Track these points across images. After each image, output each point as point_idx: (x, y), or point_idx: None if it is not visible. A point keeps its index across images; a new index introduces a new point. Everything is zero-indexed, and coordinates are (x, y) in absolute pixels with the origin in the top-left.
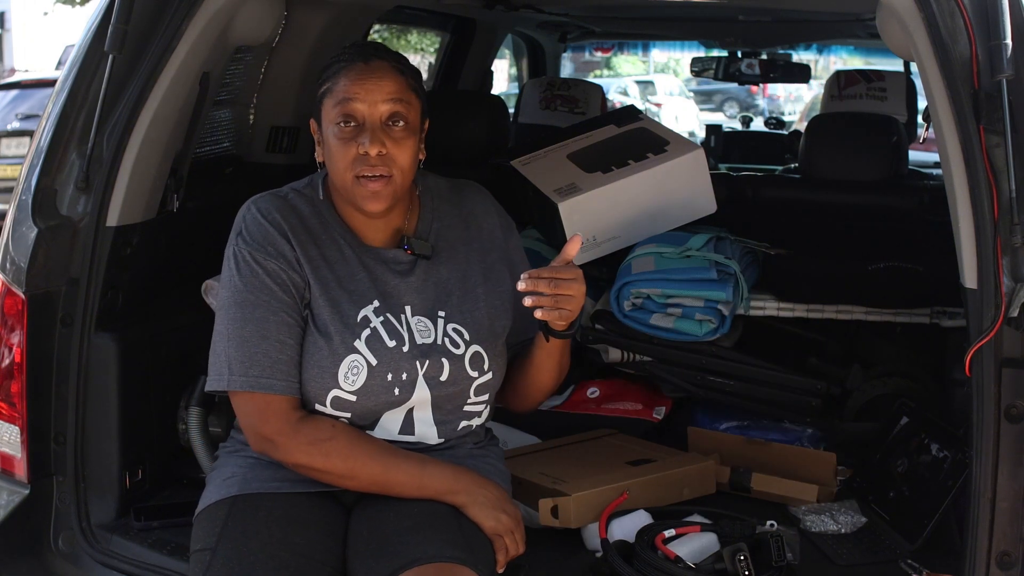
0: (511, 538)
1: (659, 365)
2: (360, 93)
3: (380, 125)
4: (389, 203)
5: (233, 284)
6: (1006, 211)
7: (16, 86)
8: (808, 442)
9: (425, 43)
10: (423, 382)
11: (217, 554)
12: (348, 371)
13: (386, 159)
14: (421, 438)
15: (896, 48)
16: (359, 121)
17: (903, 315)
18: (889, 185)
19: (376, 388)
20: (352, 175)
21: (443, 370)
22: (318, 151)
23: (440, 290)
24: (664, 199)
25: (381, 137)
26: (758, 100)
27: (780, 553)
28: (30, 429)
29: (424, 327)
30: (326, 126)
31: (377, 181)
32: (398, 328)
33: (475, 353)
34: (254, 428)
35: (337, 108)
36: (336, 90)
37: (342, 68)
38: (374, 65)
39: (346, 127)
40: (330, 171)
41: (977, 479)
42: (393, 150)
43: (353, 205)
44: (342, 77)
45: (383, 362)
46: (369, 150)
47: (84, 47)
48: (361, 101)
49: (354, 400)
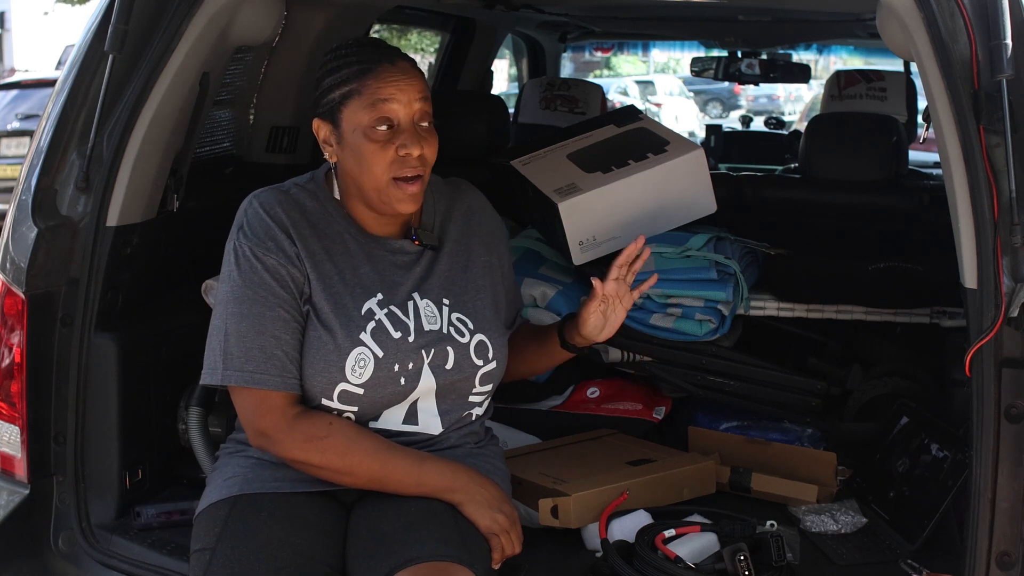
0: (507, 537)
1: (659, 365)
2: (396, 94)
3: (414, 125)
4: (420, 203)
5: (232, 279)
6: (1006, 211)
7: (16, 86)
8: (808, 442)
9: (425, 43)
10: (428, 370)
11: (217, 554)
12: (355, 364)
13: (422, 159)
14: (424, 428)
15: (896, 48)
16: (394, 123)
17: (903, 315)
18: (889, 185)
19: (383, 379)
20: (390, 177)
21: (448, 358)
22: (330, 152)
23: (444, 280)
24: (664, 199)
25: (418, 138)
26: (741, 100)
27: (780, 553)
28: (30, 429)
29: (431, 312)
30: (352, 129)
31: (415, 183)
32: (403, 319)
33: (480, 341)
34: (251, 423)
35: (371, 111)
36: (365, 92)
37: (368, 69)
38: (401, 66)
39: (383, 130)
40: (358, 174)
41: (977, 479)
42: (427, 150)
43: (383, 208)
44: (370, 79)
45: (389, 353)
46: (412, 151)
47: (84, 47)
48: (397, 102)
49: (361, 393)
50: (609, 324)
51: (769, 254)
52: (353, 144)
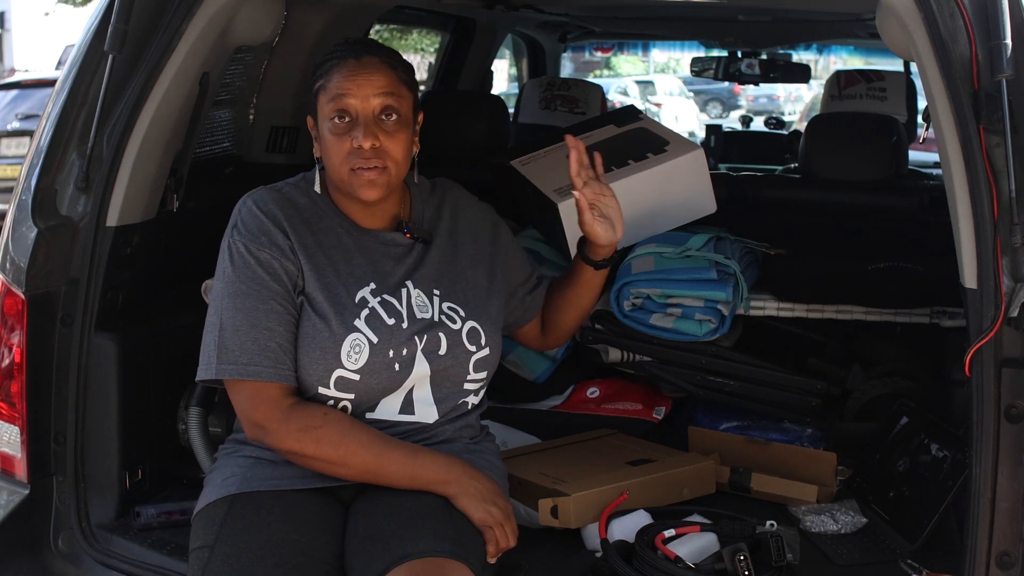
0: (501, 531)
1: (659, 365)
2: (352, 88)
3: (373, 119)
4: (384, 192)
5: (226, 275)
6: (1006, 211)
7: (16, 86)
8: (808, 442)
9: (425, 43)
10: (422, 356)
11: (216, 551)
12: (351, 350)
13: (380, 152)
14: (420, 418)
15: (896, 48)
16: (352, 116)
17: (903, 315)
18: (889, 185)
19: (378, 365)
20: (348, 168)
21: (441, 344)
22: (316, 147)
23: (434, 271)
24: (664, 199)
25: (374, 131)
26: (741, 100)
27: (780, 553)
28: (30, 429)
29: (423, 302)
30: (321, 122)
31: (372, 171)
32: (396, 307)
33: (472, 328)
34: (246, 415)
35: (331, 104)
36: (329, 86)
37: (334, 65)
38: (365, 61)
39: (340, 122)
40: (327, 165)
41: (977, 479)
42: (387, 143)
43: (351, 195)
44: (335, 74)
45: (383, 339)
46: (363, 143)
47: (84, 47)
48: (353, 96)
49: (357, 379)
50: (613, 219)
51: (769, 254)
52: (322, 136)
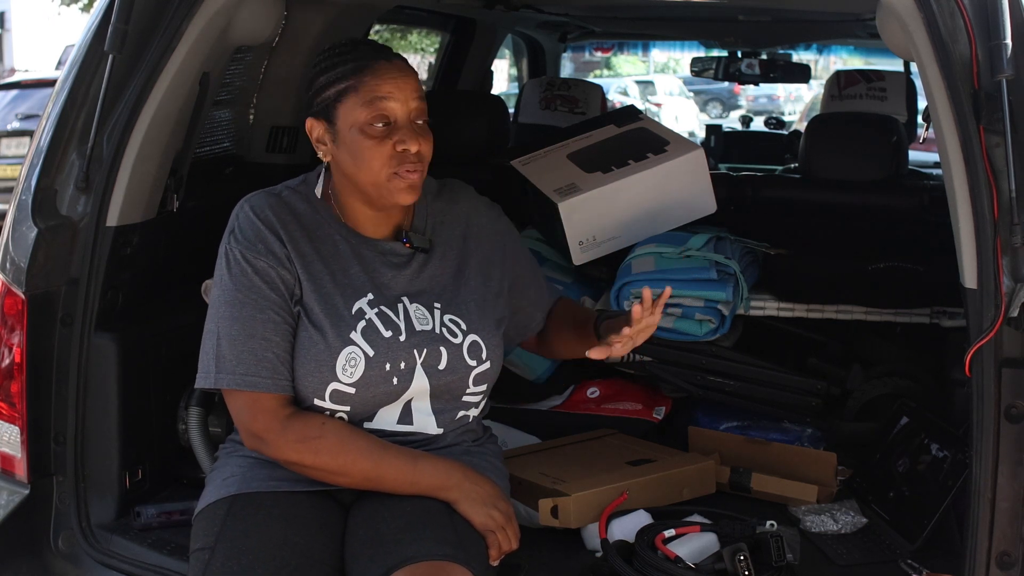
0: (503, 534)
1: (659, 365)
2: (394, 92)
3: (412, 123)
4: (419, 195)
5: (223, 283)
6: (1006, 211)
7: (16, 86)
8: (808, 442)
9: (425, 43)
10: (421, 370)
11: (216, 553)
12: (346, 363)
13: (419, 155)
14: (420, 428)
15: (896, 48)
16: (391, 120)
17: (903, 315)
18: (889, 185)
19: (374, 379)
20: (388, 172)
21: (441, 358)
22: (324, 151)
23: (435, 283)
24: (664, 199)
25: (416, 134)
26: (741, 100)
27: (780, 553)
28: (30, 429)
29: (422, 315)
30: (348, 126)
31: (415, 174)
32: (394, 319)
33: (473, 342)
34: (244, 425)
35: (368, 108)
36: (363, 89)
37: (365, 66)
38: (397, 64)
39: (381, 127)
40: (355, 172)
41: (977, 479)
42: (423, 147)
43: (382, 202)
44: (367, 76)
45: (380, 352)
46: (410, 147)
47: (84, 47)
48: (395, 100)
49: (353, 392)
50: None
51: (769, 254)
52: (350, 141)
